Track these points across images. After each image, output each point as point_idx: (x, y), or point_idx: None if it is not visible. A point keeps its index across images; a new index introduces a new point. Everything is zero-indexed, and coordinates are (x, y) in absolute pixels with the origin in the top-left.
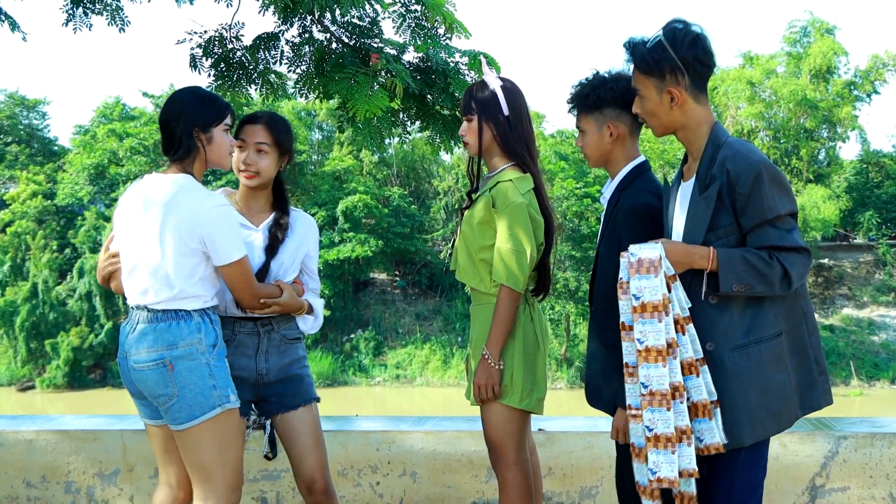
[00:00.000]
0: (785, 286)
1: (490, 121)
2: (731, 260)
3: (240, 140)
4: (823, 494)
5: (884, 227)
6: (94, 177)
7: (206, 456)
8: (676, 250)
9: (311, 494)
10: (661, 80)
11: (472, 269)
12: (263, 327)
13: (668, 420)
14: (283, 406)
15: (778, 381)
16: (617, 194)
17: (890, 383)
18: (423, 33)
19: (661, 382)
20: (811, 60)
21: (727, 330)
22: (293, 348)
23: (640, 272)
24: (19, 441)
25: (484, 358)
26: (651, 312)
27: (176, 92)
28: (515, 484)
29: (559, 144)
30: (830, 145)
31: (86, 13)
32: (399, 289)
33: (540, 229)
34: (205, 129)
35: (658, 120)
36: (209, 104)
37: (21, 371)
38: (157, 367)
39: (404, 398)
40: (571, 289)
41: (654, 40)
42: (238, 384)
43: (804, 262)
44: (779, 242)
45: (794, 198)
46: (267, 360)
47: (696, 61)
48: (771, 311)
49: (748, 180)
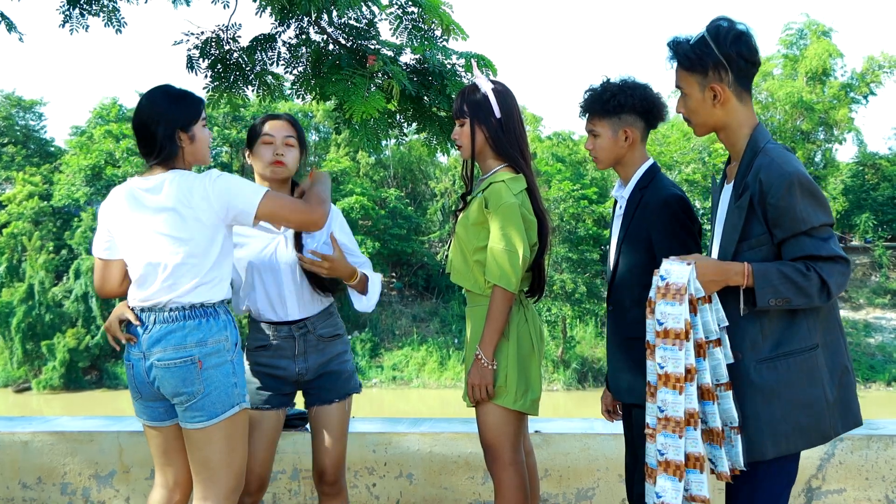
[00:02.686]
0: (824, 297)
1: (482, 124)
2: (766, 274)
3: (267, 136)
4: (819, 496)
5: (880, 230)
6: (90, 178)
7: (214, 454)
8: (709, 269)
9: (321, 484)
10: (703, 77)
11: (466, 271)
12: (299, 330)
13: (679, 447)
14: (320, 399)
15: (809, 396)
16: (638, 192)
17: (886, 385)
18: (420, 35)
19: (676, 409)
20: (807, 63)
21: (756, 341)
22: (332, 345)
23: (667, 297)
24: (15, 442)
25: (477, 358)
26: (673, 339)
27: (148, 94)
28: (511, 485)
29: (556, 146)
30: (826, 147)
31: (82, 14)
32: (396, 290)
33: (533, 229)
34: (186, 129)
35: (700, 118)
36: (187, 103)
37: (17, 372)
38: (185, 364)
39: (401, 400)
40: (568, 290)
41: (698, 37)
42: (279, 381)
43: (843, 271)
44: (815, 252)
45: (829, 209)
46: (306, 361)
47: (739, 57)
48: (804, 322)
49: (780, 192)
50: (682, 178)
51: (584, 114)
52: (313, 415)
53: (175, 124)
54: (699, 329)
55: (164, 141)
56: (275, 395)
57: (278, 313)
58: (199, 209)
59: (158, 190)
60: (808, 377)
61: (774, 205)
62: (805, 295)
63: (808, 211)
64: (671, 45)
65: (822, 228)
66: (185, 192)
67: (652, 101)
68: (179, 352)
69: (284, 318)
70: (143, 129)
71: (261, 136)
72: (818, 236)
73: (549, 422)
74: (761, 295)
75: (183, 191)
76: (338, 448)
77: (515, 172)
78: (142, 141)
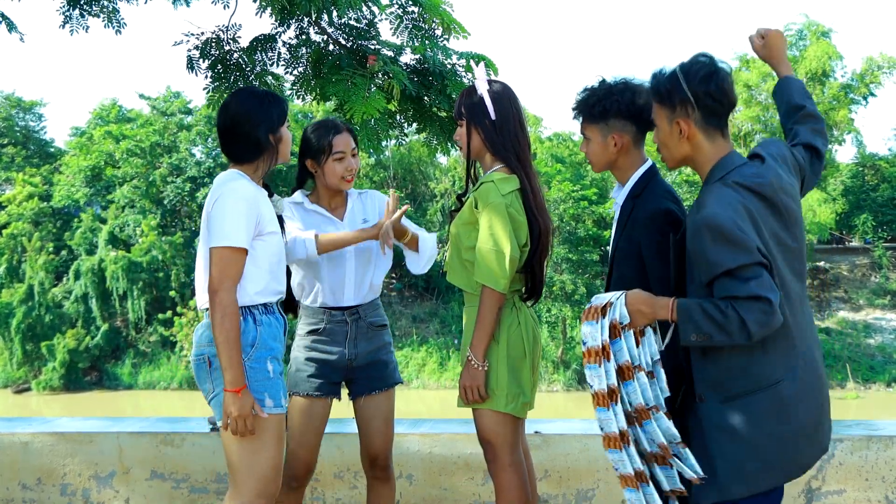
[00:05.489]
0: (744, 335)
1: (478, 125)
2: (689, 310)
3: (339, 153)
4: (819, 497)
5: (879, 230)
6: (90, 179)
7: (232, 456)
8: (638, 300)
9: (373, 469)
10: (672, 111)
11: (461, 271)
12: (352, 316)
13: (625, 461)
14: (368, 388)
15: (778, 431)
16: (630, 201)
17: (886, 386)
18: (421, 34)
19: (609, 426)
20: (807, 63)
21: (718, 381)
22: (380, 335)
23: (589, 319)
24: (15, 443)
25: (468, 359)
26: (594, 357)
27: (236, 95)
28: (511, 486)
29: (556, 147)
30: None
31: (82, 15)
32: (396, 291)
33: (522, 230)
34: (275, 131)
35: (668, 151)
36: (276, 105)
37: (17, 373)
38: (199, 362)
39: (401, 401)
40: (568, 291)
41: (671, 71)
42: (329, 368)
43: (764, 309)
44: (734, 292)
45: (749, 248)
46: (356, 346)
47: (707, 96)
48: (763, 357)
49: (691, 237)
50: (681, 179)
51: (575, 117)
52: (360, 405)
53: (267, 127)
54: (623, 353)
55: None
56: (325, 383)
57: (336, 298)
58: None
59: None
60: (776, 412)
61: (690, 250)
62: (725, 332)
63: (719, 254)
64: (652, 76)
65: (742, 269)
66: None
67: (640, 107)
68: (195, 349)
69: (341, 304)
70: (231, 130)
71: (332, 153)
72: (740, 276)
73: (549, 422)
74: (684, 330)
75: (210, 194)
76: (389, 434)
77: (511, 173)
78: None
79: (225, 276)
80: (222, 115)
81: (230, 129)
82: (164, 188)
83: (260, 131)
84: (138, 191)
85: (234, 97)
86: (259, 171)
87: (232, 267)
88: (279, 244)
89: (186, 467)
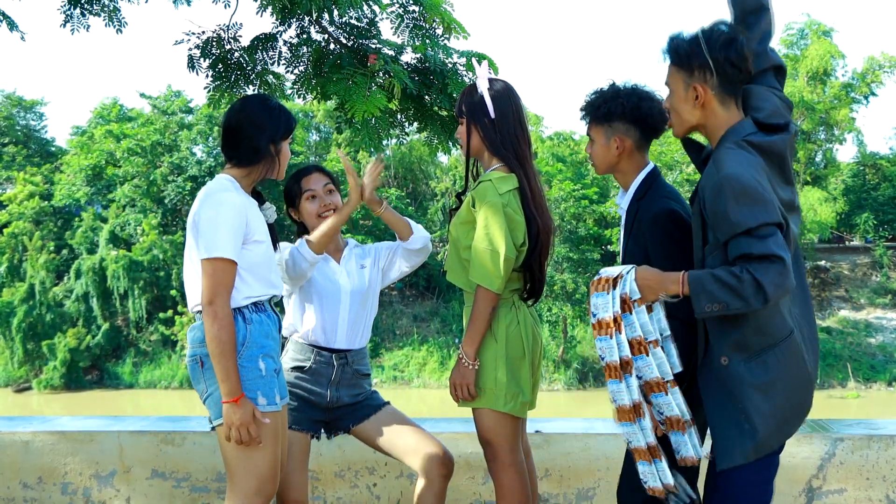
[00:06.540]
0: (760, 300)
1: (477, 124)
2: (701, 281)
3: (309, 191)
4: (820, 496)
5: (880, 229)
6: (91, 178)
7: (229, 456)
8: (648, 276)
9: (444, 466)
10: (689, 75)
11: (460, 270)
12: (339, 360)
13: (637, 434)
14: (355, 419)
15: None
16: (635, 204)
17: (887, 385)
18: (421, 34)
19: (621, 398)
20: (808, 62)
21: (740, 342)
22: (362, 383)
23: (598, 290)
24: (16, 442)
25: (459, 357)
26: (605, 329)
27: (249, 99)
28: (511, 486)
29: (557, 146)
30: (827, 147)
31: (83, 14)
32: (396, 290)
33: (519, 229)
34: (277, 143)
35: (679, 117)
36: (284, 118)
37: (18, 372)
38: (192, 362)
39: (401, 400)
40: (569, 290)
41: (692, 35)
42: (310, 406)
43: (779, 270)
44: (748, 250)
45: (770, 207)
46: (338, 390)
47: (727, 62)
48: (777, 311)
49: (711, 196)
50: (682, 178)
51: (583, 118)
52: (362, 433)
53: (270, 136)
54: (636, 327)
55: (256, 149)
56: (305, 419)
57: (328, 339)
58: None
59: None
60: (795, 361)
61: (710, 210)
62: (741, 298)
63: (741, 212)
64: (670, 38)
65: (761, 228)
66: (198, 200)
67: (645, 112)
68: (188, 350)
69: (332, 345)
70: (235, 132)
71: (303, 193)
72: (756, 235)
73: (550, 422)
74: (697, 302)
75: (198, 199)
76: (421, 431)
77: (510, 172)
78: (231, 140)
79: (219, 287)
80: (230, 114)
81: (234, 129)
82: (164, 187)
83: (262, 138)
84: (139, 190)
85: (246, 100)
86: (251, 177)
87: (225, 277)
88: (267, 252)
89: (187, 466)
